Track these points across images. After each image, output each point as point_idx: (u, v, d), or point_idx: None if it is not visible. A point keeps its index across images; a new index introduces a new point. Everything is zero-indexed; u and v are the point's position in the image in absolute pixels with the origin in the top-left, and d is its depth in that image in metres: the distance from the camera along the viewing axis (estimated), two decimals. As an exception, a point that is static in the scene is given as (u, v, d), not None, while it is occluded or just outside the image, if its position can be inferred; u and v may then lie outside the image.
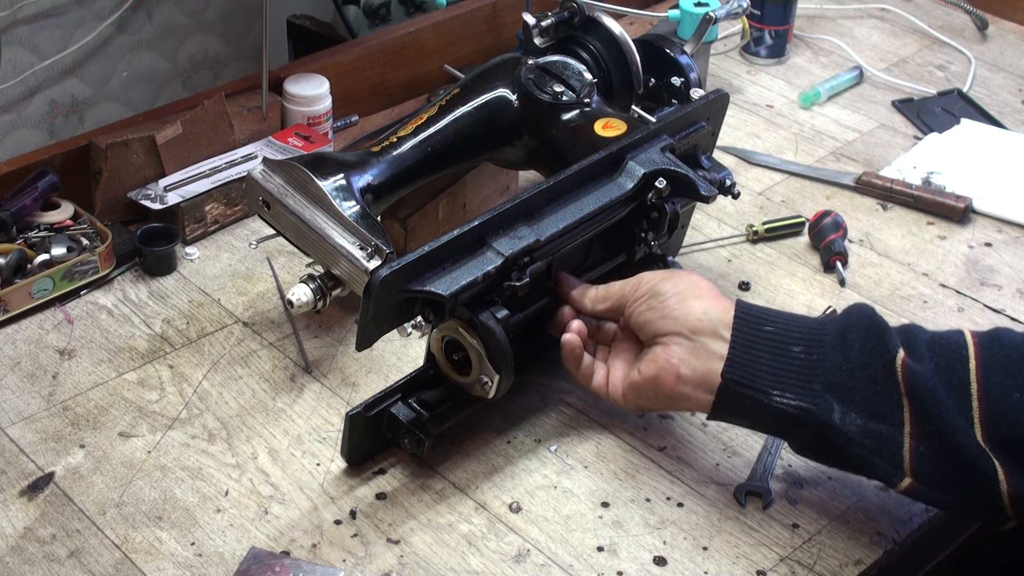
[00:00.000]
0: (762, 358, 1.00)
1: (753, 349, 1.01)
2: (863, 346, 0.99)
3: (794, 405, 0.99)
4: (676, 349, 1.03)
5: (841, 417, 0.98)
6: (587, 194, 1.12)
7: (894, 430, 0.97)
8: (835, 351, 0.99)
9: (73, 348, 1.22)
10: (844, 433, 0.98)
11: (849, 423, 0.98)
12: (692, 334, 1.03)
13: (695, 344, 1.03)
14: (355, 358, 1.22)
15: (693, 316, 1.03)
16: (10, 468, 1.09)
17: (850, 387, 0.98)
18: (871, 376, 0.98)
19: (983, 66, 1.76)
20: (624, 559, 1.03)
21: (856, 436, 0.98)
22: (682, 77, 1.34)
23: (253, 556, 1.01)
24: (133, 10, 1.65)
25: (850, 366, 0.99)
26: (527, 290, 1.07)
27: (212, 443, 1.12)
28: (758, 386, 1.00)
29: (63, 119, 1.65)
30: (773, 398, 0.99)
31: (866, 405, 0.98)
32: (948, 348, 0.99)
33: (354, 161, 1.19)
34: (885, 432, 0.97)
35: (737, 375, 1.00)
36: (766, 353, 1.00)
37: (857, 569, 1.03)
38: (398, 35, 1.62)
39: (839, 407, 0.98)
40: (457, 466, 1.11)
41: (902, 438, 0.97)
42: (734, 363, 1.00)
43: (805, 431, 1.00)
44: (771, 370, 1.00)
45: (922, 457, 0.97)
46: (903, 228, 1.44)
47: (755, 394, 1.00)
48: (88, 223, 1.31)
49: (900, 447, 0.97)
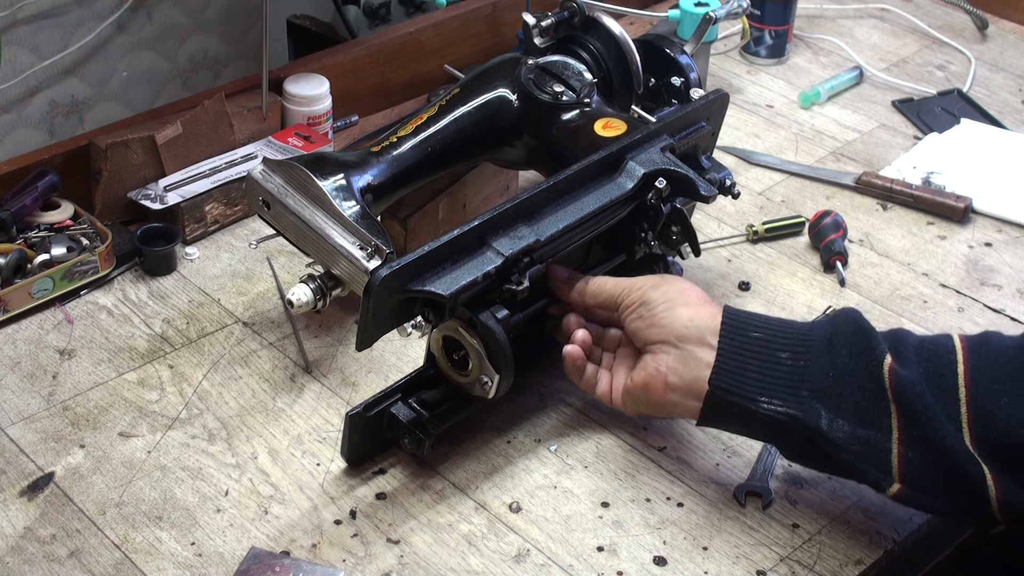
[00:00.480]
0: (749, 365, 1.00)
1: (740, 356, 1.00)
2: (850, 352, 0.99)
3: (781, 412, 0.99)
4: (664, 357, 1.04)
5: (829, 423, 0.98)
6: (587, 194, 1.12)
7: (882, 436, 0.97)
8: (822, 357, 0.99)
9: (73, 348, 1.22)
10: (832, 440, 0.98)
11: (837, 429, 0.98)
12: (679, 342, 1.03)
13: (682, 352, 1.03)
14: (355, 358, 1.21)
15: (680, 324, 1.03)
16: (10, 468, 1.09)
17: (837, 393, 0.98)
18: (858, 382, 0.98)
19: (983, 66, 1.76)
20: (624, 559, 1.03)
21: (844, 442, 0.98)
22: (682, 77, 1.34)
23: (253, 556, 1.01)
24: (133, 10, 1.65)
25: (837, 372, 0.98)
26: (527, 293, 1.07)
27: (212, 443, 1.12)
28: (745, 393, 1.00)
29: (63, 119, 1.65)
30: (761, 405, 0.99)
31: (854, 411, 0.98)
32: (936, 353, 0.98)
33: (354, 161, 1.19)
34: (873, 438, 0.97)
35: (724, 382, 1.00)
36: (753, 360, 1.00)
37: (857, 569, 1.03)
38: (398, 35, 1.62)
39: (827, 413, 0.98)
40: (457, 466, 1.11)
41: (890, 444, 0.97)
42: (721, 370, 1.00)
43: (794, 437, 1.00)
44: (758, 377, 1.00)
45: (911, 463, 0.97)
46: (903, 228, 1.44)
47: (742, 401, 1.00)
48: (88, 223, 1.31)
49: (888, 453, 0.97)
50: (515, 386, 1.09)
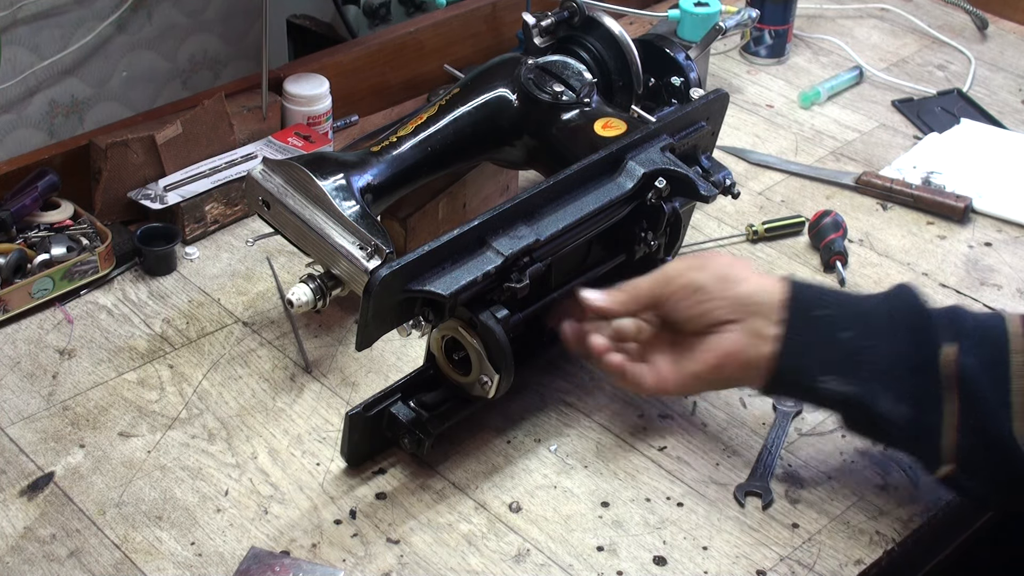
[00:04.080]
0: (812, 344, 1.02)
1: (803, 334, 1.02)
2: (912, 335, 1.00)
3: (841, 391, 1.01)
4: (731, 336, 1.04)
5: (886, 404, 1.00)
6: (587, 194, 1.12)
7: (938, 420, 0.99)
8: (882, 339, 1.01)
9: (73, 348, 1.22)
10: (889, 420, 1.00)
11: (894, 411, 1.00)
12: (745, 317, 1.03)
13: (748, 326, 1.03)
14: (355, 358, 1.21)
15: (741, 300, 1.04)
16: (10, 468, 1.09)
17: (896, 376, 1.00)
18: (917, 366, 0.99)
19: (983, 66, 1.76)
20: (624, 559, 1.03)
21: (900, 423, 1.00)
22: (682, 77, 1.34)
23: (253, 556, 1.01)
24: (133, 10, 1.65)
25: (898, 355, 1.00)
26: (527, 291, 1.07)
27: (212, 443, 1.12)
28: (807, 371, 1.02)
29: (63, 119, 1.65)
30: (821, 383, 1.01)
31: (911, 394, 0.99)
32: (992, 340, 0.99)
33: (354, 161, 1.19)
34: (929, 421, 0.99)
35: (787, 361, 1.02)
36: (815, 338, 1.02)
37: (857, 569, 1.03)
38: (398, 35, 1.62)
39: (885, 394, 1.00)
40: (457, 466, 1.11)
41: (945, 428, 0.99)
42: (785, 349, 1.02)
43: (852, 413, 1.03)
44: (820, 356, 1.02)
45: (962, 449, 0.98)
46: (903, 228, 1.44)
47: (804, 379, 1.02)
48: (88, 223, 1.31)
49: (942, 437, 0.99)
50: (515, 386, 1.09)
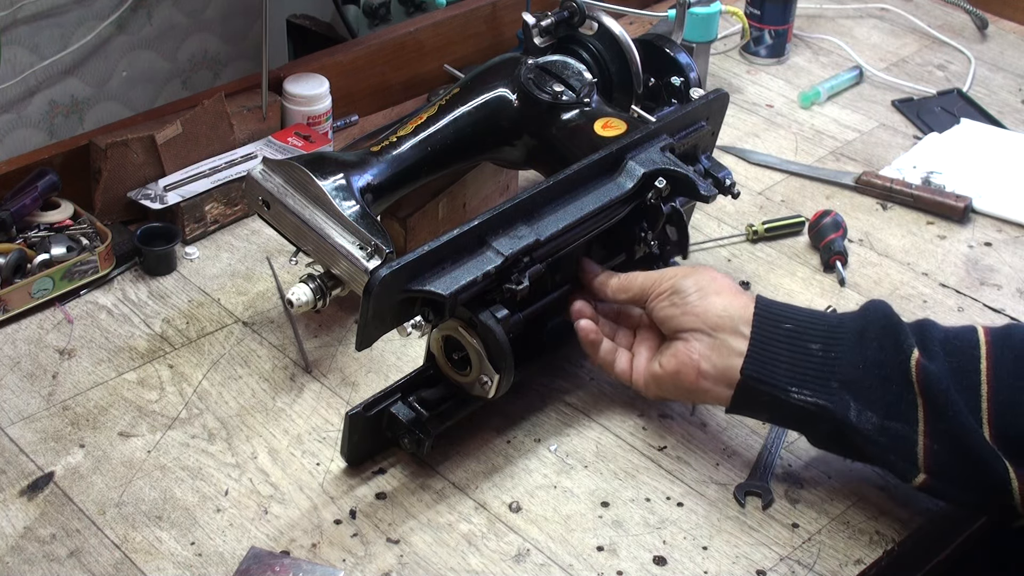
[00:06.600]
0: (781, 355, 1.02)
1: (772, 346, 1.02)
2: (880, 345, 1.00)
3: (811, 402, 1.01)
4: (697, 345, 1.05)
5: (857, 415, 1.00)
6: (587, 194, 1.12)
7: (909, 428, 0.99)
8: (852, 349, 1.01)
9: (73, 348, 1.22)
10: (860, 430, 1.00)
11: (865, 421, 1.00)
12: (713, 330, 1.04)
13: (715, 340, 1.04)
14: (355, 358, 1.21)
15: (713, 313, 1.05)
16: (10, 468, 1.09)
17: (866, 385, 1.00)
18: (886, 375, 1.00)
19: (983, 66, 1.76)
20: (624, 559, 1.03)
21: (871, 433, 1.00)
22: (682, 77, 1.34)
23: (253, 556, 1.01)
24: (133, 10, 1.65)
25: (866, 364, 1.00)
26: (527, 292, 1.07)
27: (212, 443, 1.12)
28: (776, 383, 1.02)
29: (63, 119, 1.65)
30: (791, 395, 1.01)
31: (882, 403, 0.99)
32: (961, 349, 1.00)
33: (354, 161, 1.19)
34: (900, 430, 0.99)
35: (756, 372, 1.02)
36: (785, 350, 1.02)
37: (857, 569, 1.03)
38: (398, 35, 1.62)
39: (855, 405, 1.00)
40: (457, 466, 1.11)
41: (917, 436, 0.99)
42: (753, 360, 1.02)
43: (822, 427, 1.02)
44: (789, 367, 1.01)
45: (936, 455, 0.98)
46: (903, 228, 1.44)
47: (773, 390, 1.02)
48: (88, 223, 1.31)
49: (915, 445, 0.99)
50: (515, 386, 1.09)
